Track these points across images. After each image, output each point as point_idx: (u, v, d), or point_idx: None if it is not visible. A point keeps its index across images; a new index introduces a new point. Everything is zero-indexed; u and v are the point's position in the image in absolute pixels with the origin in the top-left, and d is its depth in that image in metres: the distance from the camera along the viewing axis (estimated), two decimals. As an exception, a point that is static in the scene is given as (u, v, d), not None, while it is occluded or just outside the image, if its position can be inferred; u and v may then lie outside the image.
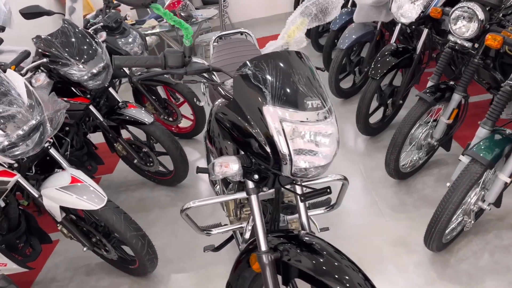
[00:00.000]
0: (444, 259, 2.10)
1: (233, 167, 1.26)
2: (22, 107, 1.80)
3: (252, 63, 1.24)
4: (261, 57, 1.25)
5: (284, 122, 1.16)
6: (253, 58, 1.26)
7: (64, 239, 2.82)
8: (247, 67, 1.24)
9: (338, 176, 1.56)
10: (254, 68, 1.23)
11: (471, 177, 1.79)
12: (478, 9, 2.12)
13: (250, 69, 1.23)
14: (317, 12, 1.54)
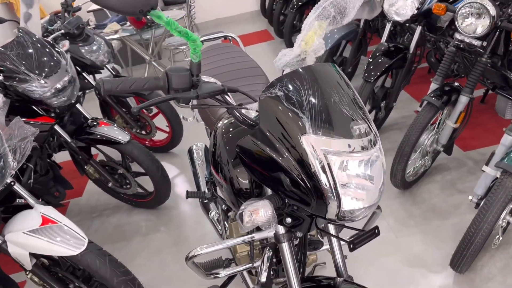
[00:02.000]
0: (469, 279, 1.93)
1: (264, 214, 1.00)
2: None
3: (282, 81, 0.98)
4: (293, 74, 1.00)
5: (329, 155, 0.92)
6: (284, 75, 1.00)
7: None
8: (277, 87, 0.98)
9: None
10: (286, 88, 0.97)
11: (508, 192, 1.61)
12: (489, 4, 1.95)
13: (281, 89, 0.98)
14: (336, 14, 1.29)
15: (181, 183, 3.09)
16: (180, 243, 2.52)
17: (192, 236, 2.55)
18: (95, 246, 1.74)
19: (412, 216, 2.34)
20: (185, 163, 3.30)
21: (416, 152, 2.39)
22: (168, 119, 3.26)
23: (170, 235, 2.60)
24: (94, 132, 2.48)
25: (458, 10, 2.06)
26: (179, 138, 3.42)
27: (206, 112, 1.85)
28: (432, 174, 2.62)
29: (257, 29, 6.29)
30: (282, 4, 5.30)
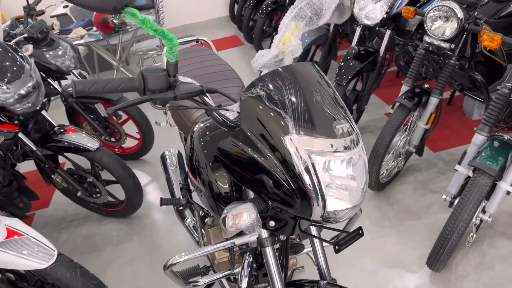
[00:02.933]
0: (444, 277, 1.95)
1: (248, 217, 0.97)
2: None
3: (264, 81, 0.96)
4: (273, 74, 0.98)
5: (312, 155, 0.90)
6: (264, 75, 0.98)
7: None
8: (258, 87, 0.96)
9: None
10: (267, 87, 0.95)
11: (481, 189, 1.64)
12: (456, 8, 2.00)
13: (263, 88, 0.95)
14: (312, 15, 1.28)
15: (153, 190, 3.01)
16: (153, 252, 2.45)
17: (165, 245, 2.48)
18: (65, 258, 1.65)
19: (387, 217, 2.36)
20: (157, 170, 3.23)
21: (390, 153, 2.41)
22: (138, 125, 3.18)
23: (143, 244, 2.52)
24: (61, 140, 2.38)
25: (427, 13, 2.10)
26: (150, 144, 3.34)
27: (181, 117, 1.81)
28: (404, 175, 2.66)
29: (227, 35, 6.27)
30: (251, 10, 5.30)
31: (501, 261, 1.99)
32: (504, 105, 1.74)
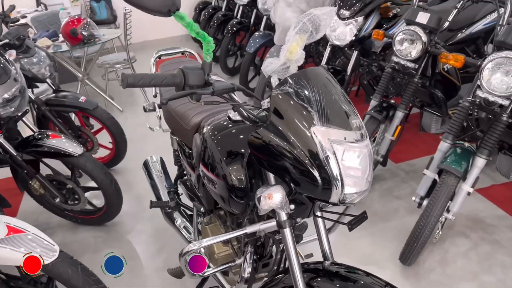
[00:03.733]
0: (414, 272, 2.16)
1: (277, 197, 1.10)
2: None
3: (292, 79, 1.11)
4: (300, 74, 1.13)
5: (334, 144, 1.05)
6: (293, 74, 1.13)
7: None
8: (287, 84, 1.11)
9: None
10: (295, 85, 1.10)
11: (448, 189, 1.88)
12: (421, 32, 2.27)
13: (291, 86, 1.10)
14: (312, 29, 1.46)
15: (128, 200, 3.02)
16: (134, 258, 2.47)
17: (147, 251, 2.52)
18: (66, 255, 1.68)
19: (358, 221, 2.55)
20: (130, 180, 3.24)
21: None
22: (112, 135, 3.20)
23: (122, 251, 2.54)
24: (42, 145, 2.37)
25: (395, 36, 2.36)
26: (123, 155, 3.36)
27: (177, 121, 1.91)
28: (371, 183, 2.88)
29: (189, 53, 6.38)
30: (215, 29, 5.47)
31: (462, 256, 2.23)
32: (465, 116, 2.00)
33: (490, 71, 1.79)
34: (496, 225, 2.42)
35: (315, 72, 1.15)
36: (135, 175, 3.24)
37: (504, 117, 1.87)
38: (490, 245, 2.29)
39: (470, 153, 1.98)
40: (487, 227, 2.41)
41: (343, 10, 2.83)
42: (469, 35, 2.96)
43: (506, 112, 1.87)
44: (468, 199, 2.49)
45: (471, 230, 2.40)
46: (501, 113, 1.87)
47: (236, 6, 5.16)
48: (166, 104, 1.04)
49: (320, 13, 1.53)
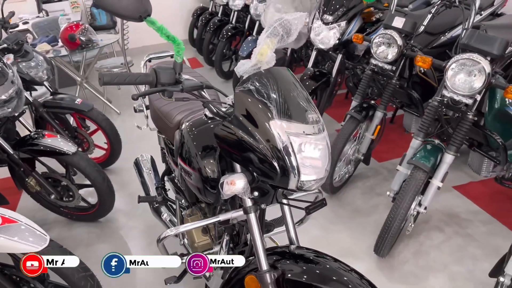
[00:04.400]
0: (389, 264, 2.27)
1: (239, 183, 1.22)
2: None
3: (253, 78, 1.23)
4: (261, 73, 1.25)
5: (291, 136, 1.16)
6: (254, 73, 1.25)
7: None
8: (249, 83, 1.23)
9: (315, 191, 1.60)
10: (256, 83, 1.22)
11: (417, 183, 1.99)
12: (396, 36, 2.39)
13: (253, 84, 1.22)
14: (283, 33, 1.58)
15: (121, 197, 3.14)
16: (125, 252, 2.59)
17: (138, 245, 2.64)
18: (56, 243, 1.80)
19: (340, 216, 2.67)
20: (124, 180, 3.36)
21: (341, 160, 2.74)
22: (107, 135, 3.33)
23: (114, 245, 2.66)
24: (38, 144, 2.49)
25: (373, 39, 2.48)
26: (117, 155, 3.48)
27: (162, 120, 2.03)
28: (354, 181, 3.00)
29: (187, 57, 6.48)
30: (211, 34, 5.60)
31: (435, 249, 2.34)
32: (434, 115, 2.12)
33: (454, 71, 1.90)
34: (471, 220, 2.53)
35: (276, 72, 1.27)
36: (129, 175, 3.35)
37: (469, 116, 1.99)
38: (463, 238, 2.40)
39: (439, 150, 2.09)
40: (462, 222, 2.52)
41: (326, 15, 2.95)
42: (450, 38, 3.08)
43: (471, 110, 1.98)
44: (445, 195, 2.62)
45: (446, 224, 2.51)
46: (467, 112, 1.99)
47: (232, 11, 5.29)
48: (136, 99, 1.16)
49: (291, 18, 1.64)
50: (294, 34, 1.72)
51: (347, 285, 1.24)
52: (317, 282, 1.25)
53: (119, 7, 1.11)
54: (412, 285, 2.13)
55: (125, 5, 1.11)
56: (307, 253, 1.40)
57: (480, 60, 1.83)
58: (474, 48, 1.87)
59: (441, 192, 2.70)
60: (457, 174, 2.94)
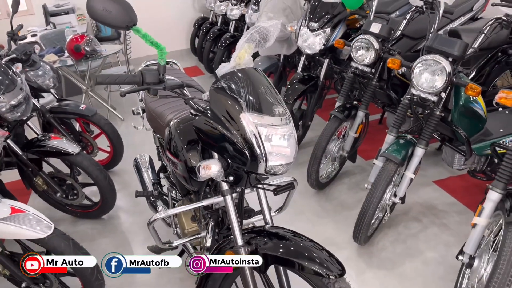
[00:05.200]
0: (368, 251, 2.44)
1: (214, 168, 1.41)
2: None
3: (225, 77, 1.43)
4: (232, 73, 1.44)
5: (259, 127, 1.35)
6: (226, 73, 1.45)
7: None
8: (222, 81, 1.42)
9: (289, 178, 1.78)
10: (228, 81, 1.41)
11: (388, 174, 2.17)
12: (373, 40, 2.58)
13: (225, 82, 1.41)
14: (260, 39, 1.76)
15: (122, 197, 3.34)
16: (126, 245, 2.79)
17: (137, 239, 2.83)
18: (60, 231, 2.00)
19: (326, 210, 2.85)
20: (126, 180, 3.57)
21: (326, 157, 2.92)
22: (110, 139, 3.54)
23: (116, 240, 2.86)
24: (45, 145, 2.71)
25: (352, 44, 2.68)
26: (120, 157, 3.69)
27: (156, 120, 2.23)
28: (341, 178, 3.18)
29: (188, 65, 6.77)
30: (211, 43, 5.83)
31: (412, 237, 2.51)
32: (406, 112, 2.30)
33: (419, 71, 2.09)
34: (447, 211, 2.69)
35: (246, 72, 1.46)
36: (130, 176, 3.55)
37: (437, 112, 2.17)
38: (438, 227, 2.56)
39: (410, 144, 2.27)
40: (438, 213, 2.68)
41: (312, 23, 3.15)
42: (431, 42, 3.25)
43: (438, 107, 2.16)
44: (425, 189, 2.80)
45: (424, 215, 2.68)
46: (434, 108, 2.17)
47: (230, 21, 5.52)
48: (124, 96, 1.37)
49: (267, 25, 1.84)
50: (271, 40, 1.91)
51: (314, 259, 1.41)
52: (286, 255, 1.43)
53: (109, 18, 1.31)
54: (388, 270, 2.29)
55: (114, 16, 1.31)
56: (281, 231, 1.57)
57: (441, 60, 2.01)
58: (436, 50, 2.06)
59: (422, 186, 2.90)
60: (438, 169, 3.11)
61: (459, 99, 2.17)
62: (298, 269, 1.43)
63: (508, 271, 1.55)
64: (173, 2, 7.37)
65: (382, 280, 2.24)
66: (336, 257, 1.44)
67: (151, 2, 7.07)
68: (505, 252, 1.57)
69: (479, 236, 1.80)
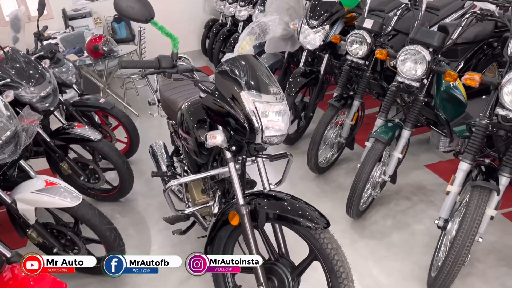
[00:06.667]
0: (361, 224, 2.69)
1: (219, 138, 1.68)
2: (2, 117, 2.01)
3: (228, 62, 1.70)
4: (233, 58, 1.72)
5: (256, 103, 1.62)
6: (228, 59, 1.72)
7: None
8: (225, 65, 1.70)
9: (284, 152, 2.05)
10: (230, 65, 1.69)
11: (376, 152, 2.42)
12: (366, 35, 2.84)
13: (228, 66, 1.69)
14: (260, 32, 2.02)
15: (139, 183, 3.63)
16: (142, 223, 3.08)
17: (152, 218, 3.12)
18: (87, 202, 2.30)
19: (325, 191, 3.11)
20: (142, 168, 3.86)
21: (325, 143, 3.18)
22: (127, 130, 3.84)
23: (133, 218, 3.15)
24: (70, 133, 3.01)
25: (347, 38, 2.94)
26: (136, 148, 3.99)
27: (169, 107, 2.52)
28: (340, 163, 3.44)
29: (200, 65, 7.07)
30: (220, 43, 6.12)
31: (401, 213, 2.76)
32: (394, 98, 2.56)
33: (403, 60, 2.34)
34: (435, 190, 2.93)
35: (246, 57, 1.74)
36: (146, 165, 3.85)
37: (420, 97, 2.42)
38: (426, 204, 2.81)
39: (398, 127, 2.52)
40: (427, 192, 2.93)
41: (312, 20, 3.42)
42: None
43: (421, 92, 2.41)
44: (417, 172, 3.05)
45: (413, 194, 2.92)
46: (417, 94, 2.42)
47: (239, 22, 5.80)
48: (144, 77, 1.65)
49: (267, 20, 2.11)
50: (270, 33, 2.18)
51: (305, 216, 1.66)
52: (281, 212, 1.69)
53: (131, 12, 1.60)
54: (378, 240, 2.55)
55: (136, 11, 1.60)
56: (278, 194, 1.81)
57: (422, 50, 2.26)
58: (418, 41, 2.31)
59: (414, 170, 3.15)
60: (430, 155, 3.35)
61: (440, 85, 2.42)
62: (291, 223, 1.69)
63: (471, 228, 1.80)
64: (185, 6, 7.72)
65: (372, 248, 2.49)
66: (327, 218, 1.67)
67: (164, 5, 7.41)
68: (469, 211, 1.82)
69: (452, 201, 2.04)
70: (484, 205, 1.82)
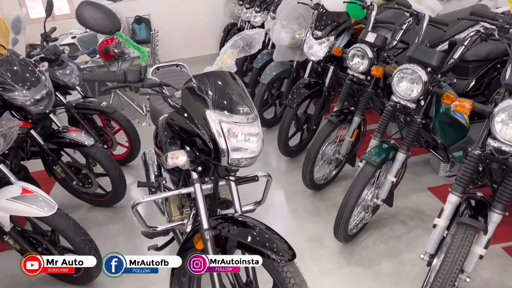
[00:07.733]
0: (350, 249, 2.55)
1: (181, 158, 1.59)
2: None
3: (196, 78, 1.62)
4: (203, 74, 1.63)
5: (222, 123, 1.53)
6: (197, 75, 1.64)
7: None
8: (193, 82, 1.61)
9: (263, 173, 1.94)
10: (198, 82, 1.60)
11: (365, 175, 2.28)
12: (368, 49, 2.70)
13: (195, 83, 1.60)
14: (244, 45, 1.93)
15: (135, 189, 3.60)
16: (132, 230, 3.03)
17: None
18: (62, 211, 2.26)
19: (319, 209, 2.98)
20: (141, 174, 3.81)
21: (323, 160, 3.05)
22: (128, 135, 3.82)
23: (124, 225, 3.11)
24: (64, 137, 3.00)
25: (348, 52, 2.80)
26: (137, 152, 3.96)
27: (156, 117, 2.45)
28: (339, 180, 3.30)
29: (215, 69, 7.02)
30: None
31: (394, 239, 2.60)
32: (389, 118, 2.41)
33: (398, 79, 2.20)
34: (433, 216, 2.73)
35: (216, 74, 1.65)
36: (145, 170, 3.82)
37: (417, 119, 2.26)
38: (422, 230, 2.64)
39: (392, 149, 2.37)
40: (425, 217, 2.76)
41: (316, 31, 3.30)
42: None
43: (418, 114, 2.26)
44: (418, 195, 2.89)
45: (411, 219, 2.76)
46: (414, 115, 2.27)
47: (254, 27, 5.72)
48: (104, 92, 1.58)
49: (252, 33, 2.02)
50: (256, 46, 2.09)
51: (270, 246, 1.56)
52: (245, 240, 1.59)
53: (94, 23, 1.54)
54: (365, 267, 2.41)
55: (98, 22, 1.54)
56: (247, 220, 1.71)
57: (418, 70, 2.11)
58: (415, 59, 2.16)
59: (415, 192, 2.98)
60: (434, 177, 3.16)
61: (439, 107, 2.26)
62: (254, 253, 1.59)
63: (452, 268, 1.65)
64: (205, 9, 7.70)
65: (357, 276, 2.36)
66: (294, 251, 1.56)
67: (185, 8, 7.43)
68: (451, 250, 1.67)
69: (439, 236, 1.89)
70: (468, 244, 1.67)
